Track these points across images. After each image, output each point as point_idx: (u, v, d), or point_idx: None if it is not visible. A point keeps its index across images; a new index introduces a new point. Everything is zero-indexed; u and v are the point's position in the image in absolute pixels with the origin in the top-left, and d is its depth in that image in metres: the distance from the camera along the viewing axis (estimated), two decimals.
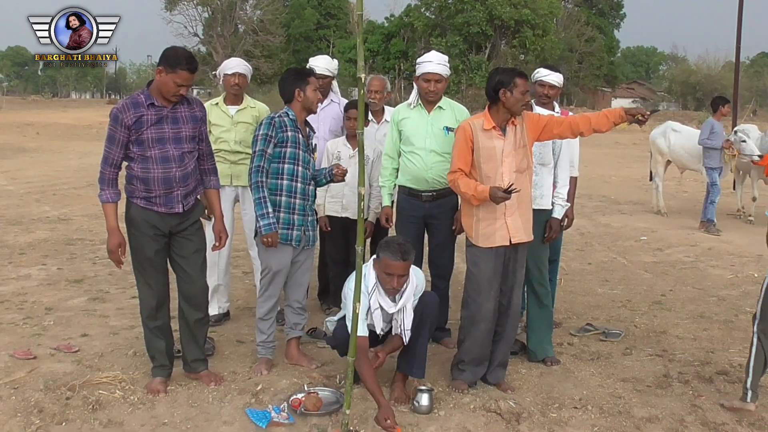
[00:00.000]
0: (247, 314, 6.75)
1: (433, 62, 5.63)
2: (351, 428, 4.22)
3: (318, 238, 5.74)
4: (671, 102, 79.98)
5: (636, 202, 15.14)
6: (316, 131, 5.72)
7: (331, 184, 6.08)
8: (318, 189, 5.99)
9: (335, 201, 6.25)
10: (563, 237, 6.52)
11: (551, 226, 5.58)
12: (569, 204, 5.81)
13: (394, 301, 4.78)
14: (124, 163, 4.82)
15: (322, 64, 6.54)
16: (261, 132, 5.13)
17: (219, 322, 6.40)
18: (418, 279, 4.91)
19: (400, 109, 5.88)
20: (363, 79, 3.80)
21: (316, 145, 5.58)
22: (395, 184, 5.92)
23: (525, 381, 5.25)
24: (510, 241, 4.97)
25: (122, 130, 4.65)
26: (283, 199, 5.23)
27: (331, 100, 6.56)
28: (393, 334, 4.90)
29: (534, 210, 5.41)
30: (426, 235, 5.97)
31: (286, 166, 5.20)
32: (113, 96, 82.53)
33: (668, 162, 13.65)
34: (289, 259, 5.29)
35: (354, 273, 4.88)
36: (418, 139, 5.67)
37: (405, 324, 4.82)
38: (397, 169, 5.86)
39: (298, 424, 4.47)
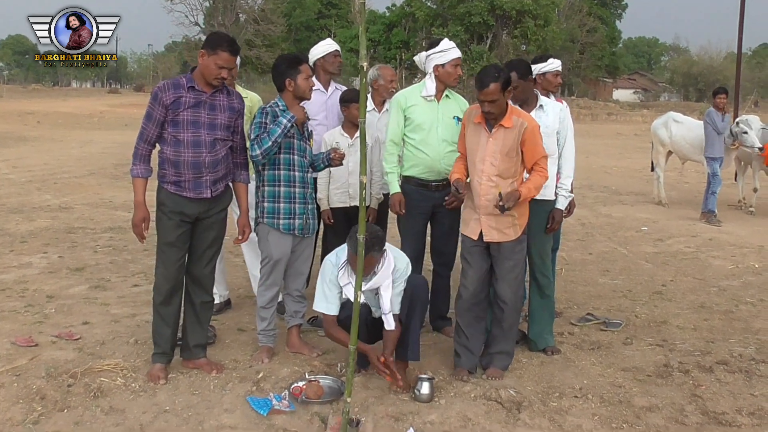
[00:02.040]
0: (248, 303, 6.77)
1: (455, 47, 5.68)
2: (352, 416, 4.23)
3: (317, 226, 5.75)
4: (673, 93, 80.00)
5: (637, 193, 15.16)
6: (312, 116, 5.72)
7: (335, 175, 6.10)
8: (319, 182, 6.00)
9: (341, 192, 6.21)
10: (564, 227, 6.52)
11: (554, 217, 5.56)
12: (573, 195, 5.81)
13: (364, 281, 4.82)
14: (157, 148, 4.91)
15: (331, 42, 6.56)
16: (255, 121, 5.13)
17: (220, 311, 6.41)
18: (398, 262, 4.94)
19: (407, 95, 5.78)
20: (365, 68, 3.79)
21: (311, 131, 5.57)
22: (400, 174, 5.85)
23: (526, 370, 5.26)
24: (480, 237, 5.07)
25: (160, 109, 4.74)
26: (282, 189, 5.24)
27: (335, 87, 6.55)
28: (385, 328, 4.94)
29: (538, 201, 5.42)
30: (429, 225, 5.95)
31: (281, 156, 5.20)
32: (114, 85, 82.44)
33: (669, 153, 13.65)
34: (289, 248, 5.31)
35: (330, 255, 5.07)
36: (429, 128, 5.63)
37: (383, 308, 4.89)
38: (400, 157, 5.82)
39: (299, 412, 4.48)
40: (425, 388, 4.65)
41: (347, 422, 4.05)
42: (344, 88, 6.57)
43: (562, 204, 5.60)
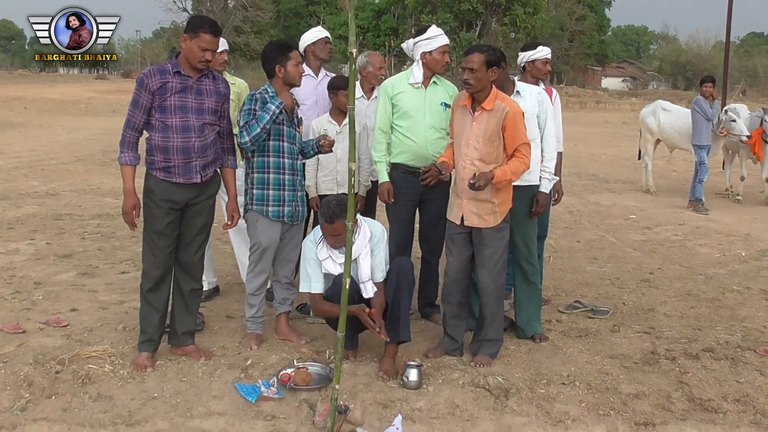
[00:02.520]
0: (236, 290, 6.76)
1: (443, 33, 5.66)
2: (340, 403, 4.23)
3: (306, 214, 5.74)
4: (661, 81, 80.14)
5: (625, 181, 15.20)
6: (303, 101, 5.68)
7: (323, 162, 6.08)
8: (307, 169, 5.98)
9: (329, 179, 6.18)
10: (551, 214, 6.54)
11: (538, 201, 5.55)
12: (557, 178, 5.82)
13: (340, 253, 4.92)
14: (145, 135, 4.90)
15: (321, 29, 6.52)
16: (245, 108, 5.12)
17: (209, 298, 6.40)
18: (373, 229, 5.04)
19: (395, 82, 5.76)
20: (354, 54, 3.78)
21: (301, 118, 5.56)
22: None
23: (513, 357, 5.27)
24: (461, 221, 5.10)
25: (146, 95, 4.73)
26: (272, 176, 5.23)
27: (326, 74, 6.53)
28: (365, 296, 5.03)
29: (521, 186, 5.42)
30: (417, 212, 5.95)
31: (271, 143, 5.19)
32: (101, 71, 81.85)
33: (658, 141, 13.68)
34: (278, 235, 5.31)
35: (309, 234, 5.17)
36: (416, 114, 5.61)
37: (361, 276, 4.97)
38: (389, 144, 5.81)
39: (287, 398, 4.49)
40: (413, 375, 4.66)
41: (335, 409, 4.05)
42: (333, 74, 6.54)
43: (546, 187, 5.59)
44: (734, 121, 11.94)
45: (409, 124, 5.63)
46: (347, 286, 3.90)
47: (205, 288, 6.34)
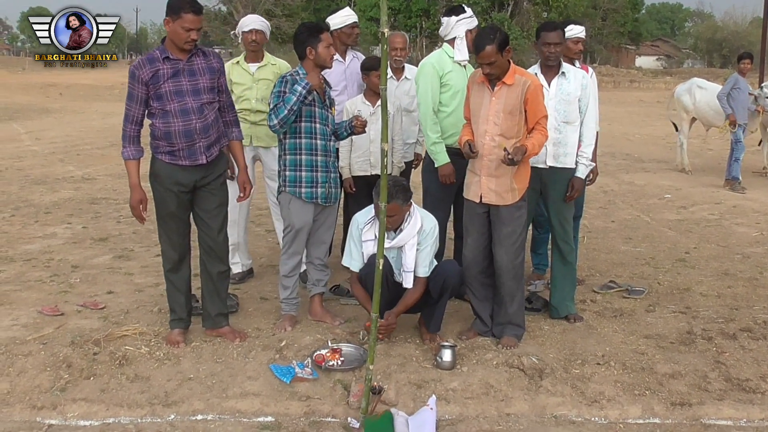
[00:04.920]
0: (270, 272, 6.79)
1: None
2: (374, 383, 4.25)
3: (339, 195, 5.74)
4: (696, 59, 79.03)
5: (660, 160, 15.03)
6: (332, 87, 5.67)
7: (357, 143, 6.07)
8: (341, 151, 5.98)
9: (363, 160, 6.15)
10: (586, 194, 6.49)
11: (573, 186, 5.50)
12: (593, 164, 5.75)
13: (389, 238, 4.91)
14: (147, 121, 4.88)
15: (350, 12, 6.45)
16: (275, 90, 5.12)
17: (243, 280, 6.44)
18: (425, 223, 5.02)
19: (441, 62, 5.67)
20: (386, 35, 3.76)
21: (333, 100, 5.54)
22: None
23: (548, 337, 5.26)
24: (480, 200, 5.05)
25: (140, 87, 4.72)
26: (304, 157, 5.23)
27: (353, 56, 6.49)
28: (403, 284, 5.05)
29: (557, 168, 5.41)
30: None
31: (303, 124, 5.18)
32: (134, 56, 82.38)
33: (693, 119, 13.50)
34: (311, 217, 5.32)
35: (360, 212, 5.17)
36: (464, 94, 5.56)
37: (406, 265, 4.99)
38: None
39: (321, 379, 4.51)
40: (447, 356, 4.66)
41: (370, 389, 4.07)
42: (362, 56, 6.50)
43: (582, 172, 5.54)
44: None
45: (458, 103, 5.55)
46: (380, 267, 3.90)
47: (239, 270, 6.40)
